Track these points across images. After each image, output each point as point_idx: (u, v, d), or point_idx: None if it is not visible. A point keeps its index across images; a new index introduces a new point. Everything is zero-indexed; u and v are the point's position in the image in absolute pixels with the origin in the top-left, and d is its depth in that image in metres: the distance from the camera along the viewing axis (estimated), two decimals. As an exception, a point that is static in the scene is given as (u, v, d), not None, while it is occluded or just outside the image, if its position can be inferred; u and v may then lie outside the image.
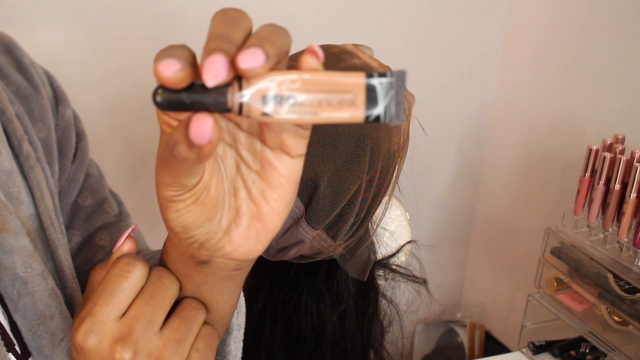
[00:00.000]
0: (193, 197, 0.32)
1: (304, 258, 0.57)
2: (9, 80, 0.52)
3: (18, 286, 0.44)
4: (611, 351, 0.81)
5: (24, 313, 0.44)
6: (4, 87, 0.51)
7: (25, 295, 0.44)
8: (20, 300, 0.44)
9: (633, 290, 0.77)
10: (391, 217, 0.67)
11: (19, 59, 0.54)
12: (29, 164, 0.50)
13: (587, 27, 0.99)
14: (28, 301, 0.44)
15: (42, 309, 0.45)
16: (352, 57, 0.56)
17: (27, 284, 0.44)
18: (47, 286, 0.46)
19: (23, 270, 0.44)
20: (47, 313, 0.45)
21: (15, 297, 0.44)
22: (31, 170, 0.50)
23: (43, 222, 0.49)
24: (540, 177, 1.13)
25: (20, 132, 0.50)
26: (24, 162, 0.49)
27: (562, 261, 0.88)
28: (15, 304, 0.44)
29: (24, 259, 0.45)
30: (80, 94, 0.91)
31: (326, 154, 0.50)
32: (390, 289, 0.68)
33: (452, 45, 1.14)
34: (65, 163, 0.57)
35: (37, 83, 0.54)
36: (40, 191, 0.50)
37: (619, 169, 0.77)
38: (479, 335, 1.28)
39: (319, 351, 0.63)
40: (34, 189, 0.49)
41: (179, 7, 0.92)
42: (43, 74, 0.56)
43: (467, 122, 1.23)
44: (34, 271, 0.45)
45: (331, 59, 0.55)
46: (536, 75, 1.11)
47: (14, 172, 0.48)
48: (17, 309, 0.44)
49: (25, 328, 0.44)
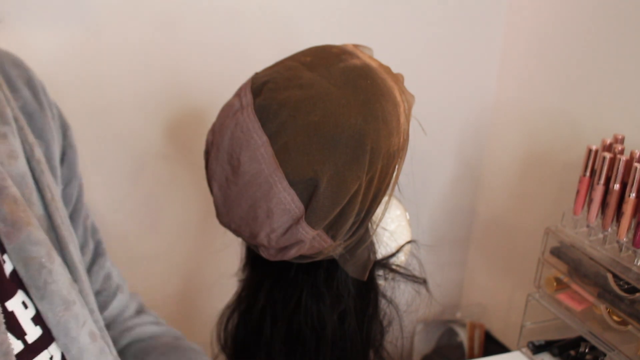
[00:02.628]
0: None
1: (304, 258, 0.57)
2: (18, 94, 0.56)
3: (45, 275, 0.48)
4: (610, 351, 0.81)
5: (51, 300, 0.48)
6: (11, 99, 0.54)
7: (51, 283, 0.48)
8: (47, 288, 0.48)
9: (632, 290, 0.77)
10: (391, 217, 0.68)
11: (30, 75, 0.58)
12: (40, 168, 0.53)
13: (587, 27, 0.99)
14: (54, 288, 0.48)
15: (65, 295, 0.49)
16: (352, 57, 0.56)
17: (52, 273, 0.49)
18: (67, 275, 0.50)
19: (47, 260, 0.49)
20: (69, 299, 0.49)
21: (42, 285, 0.48)
22: (42, 174, 0.53)
23: (54, 221, 0.52)
24: (539, 177, 1.13)
25: (31, 138, 0.53)
26: (35, 166, 0.53)
27: (562, 261, 0.88)
28: (42, 292, 0.48)
29: (47, 250, 0.49)
30: (81, 94, 0.92)
31: (326, 154, 0.50)
32: (390, 288, 0.68)
33: (452, 45, 1.14)
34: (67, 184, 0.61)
35: (42, 101, 0.57)
36: (51, 192, 0.53)
37: (619, 169, 0.78)
38: (479, 335, 1.29)
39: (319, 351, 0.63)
40: (45, 191, 0.53)
41: (179, 8, 0.92)
42: (50, 99, 0.60)
43: (466, 122, 1.23)
44: (56, 261, 0.50)
45: (331, 59, 0.55)
46: (536, 75, 1.11)
47: (27, 175, 0.52)
48: (45, 296, 0.48)
49: (51, 314, 0.48)
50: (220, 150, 0.53)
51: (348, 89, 0.52)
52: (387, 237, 0.66)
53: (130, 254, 1.04)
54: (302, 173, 0.49)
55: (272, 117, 0.50)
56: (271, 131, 0.49)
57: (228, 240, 0.68)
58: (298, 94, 0.50)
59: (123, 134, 0.95)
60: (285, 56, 0.60)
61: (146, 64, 0.92)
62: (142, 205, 1.02)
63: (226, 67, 0.96)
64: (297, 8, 0.98)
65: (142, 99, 0.94)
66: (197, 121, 0.97)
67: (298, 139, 0.49)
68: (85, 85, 0.91)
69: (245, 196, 0.51)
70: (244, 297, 0.70)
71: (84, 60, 0.90)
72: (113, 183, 0.98)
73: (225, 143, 0.52)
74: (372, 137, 0.51)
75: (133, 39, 0.91)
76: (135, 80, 0.92)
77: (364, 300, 0.64)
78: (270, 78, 0.53)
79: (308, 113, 0.50)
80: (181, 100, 0.96)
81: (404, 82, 0.61)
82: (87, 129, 0.93)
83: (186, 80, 0.95)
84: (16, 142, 0.52)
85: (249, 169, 0.50)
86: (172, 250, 1.07)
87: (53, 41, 0.87)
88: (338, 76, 0.53)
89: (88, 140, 0.94)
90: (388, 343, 0.70)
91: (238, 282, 0.72)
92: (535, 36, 1.10)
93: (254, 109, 0.51)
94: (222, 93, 0.69)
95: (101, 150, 0.95)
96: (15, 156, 0.51)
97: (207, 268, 1.10)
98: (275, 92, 0.51)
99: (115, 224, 1.00)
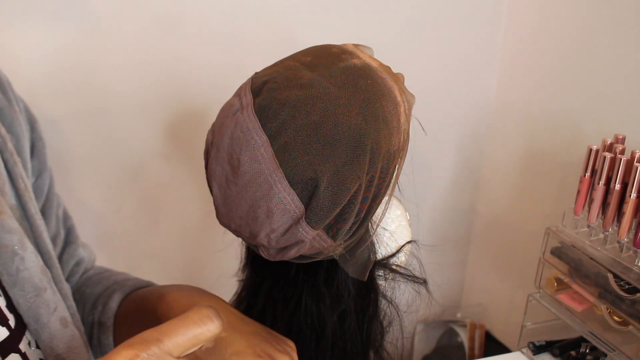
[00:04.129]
0: None
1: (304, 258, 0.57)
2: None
3: (17, 262, 0.49)
4: (611, 351, 0.81)
5: (23, 286, 0.49)
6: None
7: (23, 270, 0.49)
8: (19, 275, 0.49)
9: (633, 291, 0.77)
10: (391, 217, 0.67)
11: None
12: (13, 160, 0.54)
13: (587, 26, 0.99)
14: (26, 275, 0.49)
15: (37, 282, 0.50)
16: (352, 57, 0.56)
17: (24, 260, 0.50)
18: (38, 263, 0.51)
19: (20, 248, 0.50)
20: (41, 286, 0.50)
21: (14, 272, 0.49)
22: (15, 165, 0.54)
23: (27, 211, 0.54)
24: (540, 177, 1.12)
25: (3, 131, 0.54)
26: (8, 158, 0.54)
27: (562, 261, 0.88)
28: (14, 278, 0.49)
29: (20, 237, 0.50)
30: (81, 94, 0.91)
31: (326, 154, 0.49)
32: (390, 289, 0.68)
33: (452, 44, 1.14)
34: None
35: (9, 96, 0.58)
36: (24, 183, 0.54)
37: (619, 169, 0.77)
38: (479, 335, 1.28)
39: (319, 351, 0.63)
40: (18, 182, 0.54)
41: (179, 8, 0.92)
42: (17, 94, 0.61)
43: (467, 122, 1.23)
44: (28, 249, 0.51)
45: (331, 59, 0.55)
46: (537, 75, 1.11)
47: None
48: (16, 283, 0.49)
49: (23, 300, 0.49)
50: (220, 150, 0.52)
51: (348, 88, 0.52)
52: (387, 237, 0.66)
53: (130, 254, 1.04)
54: (303, 173, 0.49)
55: (272, 117, 0.50)
56: (271, 131, 0.49)
57: (228, 240, 0.68)
58: (298, 93, 0.50)
59: (123, 134, 0.95)
60: (285, 56, 0.60)
61: (146, 64, 0.92)
62: (142, 205, 1.02)
63: (226, 66, 0.95)
64: (297, 8, 0.98)
65: (142, 99, 0.94)
66: (197, 121, 0.97)
67: (298, 139, 0.49)
68: (85, 85, 0.91)
69: (245, 196, 0.51)
70: (244, 297, 0.70)
71: (84, 60, 0.90)
72: (113, 183, 0.98)
73: (225, 143, 0.52)
74: (372, 137, 0.51)
75: (132, 39, 0.91)
76: (136, 80, 0.92)
77: (364, 301, 0.64)
78: (270, 78, 0.53)
79: (308, 113, 0.49)
80: (181, 100, 0.96)
81: (404, 81, 0.61)
82: (87, 129, 0.93)
83: (186, 80, 0.95)
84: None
85: (249, 169, 0.50)
86: (172, 250, 1.07)
87: (53, 42, 0.87)
88: (338, 76, 0.53)
89: (88, 141, 0.94)
90: (388, 343, 0.70)
91: (238, 282, 0.72)
92: (536, 36, 1.10)
93: (253, 109, 0.51)
94: (221, 93, 0.68)
95: (101, 150, 0.95)
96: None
97: (207, 268, 1.10)
98: (275, 92, 0.51)
99: (115, 224, 1.00)
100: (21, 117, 0.58)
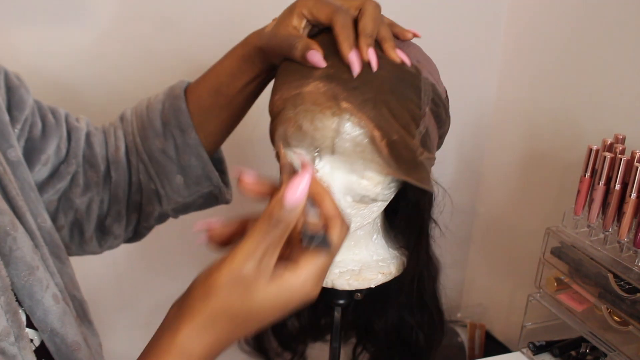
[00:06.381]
0: None
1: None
2: None
3: (10, 242, 0.50)
4: (611, 351, 0.81)
5: (16, 265, 0.50)
6: None
7: (16, 250, 0.50)
8: (12, 254, 0.50)
9: (633, 291, 0.77)
10: None
11: None
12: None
13: (587, 27, 0.99)
14: (19, 255, 0.51)
15: (29, 261, 0.51)
16: None
17: (17, 240, 0.51)
18: (29, 242, 0.52)
19: (12, 228, 0.51)
20: (33, 264, 0.52)
21: (7, 252, 0.50)
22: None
23: (8, 193, 0.54)
24: (540, 177, 1.12)
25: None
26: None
27: (562, 261, 0.88)
28: (7, 258, 0.50)
29: (10, 218, 0.51)
30: (81, 94, 0.91)
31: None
32: None
33: (453, 45, 1.14)
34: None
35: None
36: (2, 166, 0.54)
37: (619, 169, 0.77)
38: (479, 336, 1.28)
39: None
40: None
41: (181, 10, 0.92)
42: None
43: (467, 122, 1.23)
44: (19, 229, 0.52)
45: None
46: (537, 75, 1.11)
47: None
48: (10, 262, 0.50)
49: (17, 279, 0.50)
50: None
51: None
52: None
53: (130, 254, 1.04)
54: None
55: None
56: None
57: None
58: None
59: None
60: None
61: (147, 65, 0.92)
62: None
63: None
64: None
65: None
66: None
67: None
68: (85, 85, 0.91)
69: None
70: None
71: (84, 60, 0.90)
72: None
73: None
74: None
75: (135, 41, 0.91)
76: (136, 80, 0.92)
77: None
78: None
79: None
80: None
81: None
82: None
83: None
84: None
85: None
86: (172, 250, 1.07)
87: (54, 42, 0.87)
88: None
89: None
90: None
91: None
92: (536, 36, 1.10)
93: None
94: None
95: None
96: None
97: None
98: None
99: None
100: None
